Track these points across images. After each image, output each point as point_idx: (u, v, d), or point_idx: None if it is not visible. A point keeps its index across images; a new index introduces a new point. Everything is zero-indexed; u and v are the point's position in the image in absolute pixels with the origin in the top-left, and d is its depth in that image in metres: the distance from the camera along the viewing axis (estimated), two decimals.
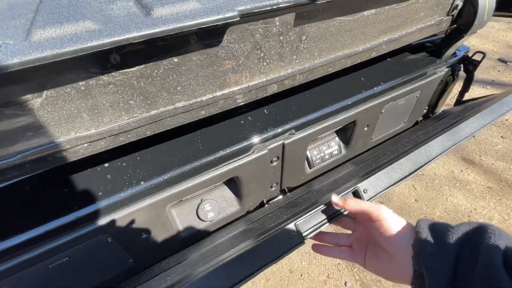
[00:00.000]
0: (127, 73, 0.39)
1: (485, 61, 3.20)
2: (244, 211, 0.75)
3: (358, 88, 0.75)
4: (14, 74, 0.32)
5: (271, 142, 0.63)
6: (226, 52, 0.45)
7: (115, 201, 0.49)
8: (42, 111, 0.36)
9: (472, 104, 0.99)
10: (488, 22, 3.09)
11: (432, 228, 0.40)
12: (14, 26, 0.34)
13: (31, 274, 0.49)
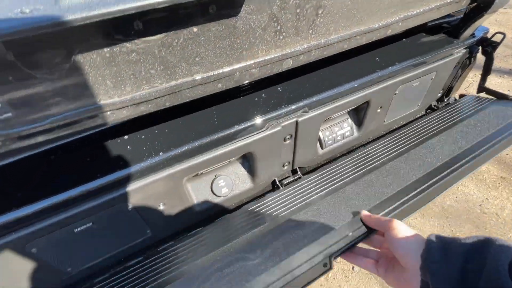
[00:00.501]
0: (149, 41, 0.40)
1: (503, 49, 3.08)
2: (256, 189, 0.77)
3: (373, 67, 0.75)
4: (44, 37, 0.33)
5: (284, 119, 0.64)
6: (244, 24, 0.46)
7: (136, 170, 0.51)
8: (70, 76, 0.38)
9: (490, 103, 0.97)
10: (508, 8, 2.95)
11: (440, 239, 0.42)
12: None
13: (60, 237, 0.52)
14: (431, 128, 0.87)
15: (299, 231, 0.61)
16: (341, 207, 0.66)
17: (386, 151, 0.81)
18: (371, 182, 0.71)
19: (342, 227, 0.61)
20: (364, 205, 0.66)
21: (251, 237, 0.60)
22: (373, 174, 0.73)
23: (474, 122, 0.87)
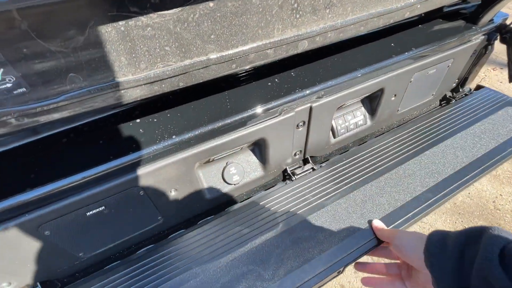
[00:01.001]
0: (164, 15, 0.39)
1: None
2: (267, 178, 0.75)
3: (388, 53, 0.72)
4: (58, 7, 0.33)
5: (298, 104, 0.62)
6: (261, 0, 0.44)
7: (147, 153, 0.50)
8: (84, 51, 0.37)
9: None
10: None
11: (439, 233, 0.44)
12: None
13: (72, 221, 0.52)
14: (447, 126, 0.85)
15: (313, 238, 0.60)
16: (356, 212, 0.65)
17: (401, 148, 0.79)
18: (385, 186, 0.70)
19: (356, 236, 0.61)
20: (377, 212, 0.65)
21: (263, 245, 0.60)
22: (387, 176, 0.72)
23: (490, 124, 0.84)
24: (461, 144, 0.79)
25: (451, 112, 0.91)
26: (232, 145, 0.60)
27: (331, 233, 0.62)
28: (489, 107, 0.92)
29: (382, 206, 0.67)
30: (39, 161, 0.50)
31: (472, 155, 0.75)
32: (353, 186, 0.71)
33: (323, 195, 0.68)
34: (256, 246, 0.60)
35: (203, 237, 0.64)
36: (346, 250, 0.58)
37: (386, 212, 0.66)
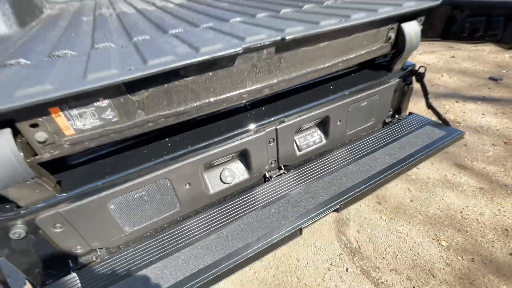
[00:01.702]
0: (186, 80, 0.75)
1: (476, 80, 3.47)
2: (252, 180, 1.06)
3: (329, 92, 1.09)
4: (137, 82, 0.69)
5: (267, 126, 0.96)
6: (237, 69, 0.81)
7: (174, 156, 0.83)
8: (153, 98, 0.73)
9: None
10: (479, 46, 3.43)
11: None
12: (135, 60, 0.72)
13: (128, 200, 0.82)
14: (380, 142, 1.19)
15: (280, 213, 0.90)
16: (312, 197, 0.95)
17: (346, 158, 1.12)
18: (333, 181, 1.01)
19: (310, 210, 0.90)
20: (327, 195, 0.95)
21: (246, 221, 0.90)
22: (336, 174, 1.03)
23: (410, 138, 1.19)
24: (390, 152, 1.11)
25: (387, 131, 1.24)
26: (225, 153, 0.92)
27: (293, 210, 0.90)
28: (415, 126, 1.26)
29: (330, 191, 0.96)
30: (112, 160, 0.83)
31: (395, 158, 1.06)
32: (311, 182, 1.01)
33: (288, 189, 0.98)
34: (243, 222, 0.89)
35: (207, 220, 0.92)
36: (303, 218, 0.86)
37: (334, 194, 0.95)
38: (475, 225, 1.79)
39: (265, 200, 0.96)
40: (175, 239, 0.88)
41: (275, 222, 0.87)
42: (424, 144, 1.14)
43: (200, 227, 0.91)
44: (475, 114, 2.89)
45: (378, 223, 1.85)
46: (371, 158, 1.10)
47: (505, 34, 0.96)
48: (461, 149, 2.44)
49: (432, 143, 1.14)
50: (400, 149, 1.13)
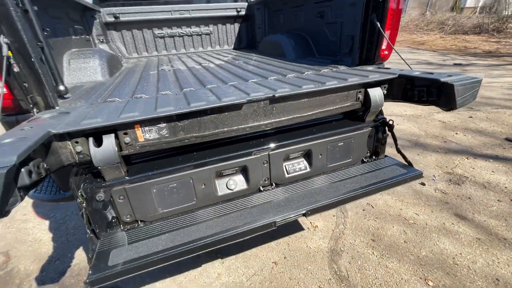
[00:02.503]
0: (211, 116, 1.23)
1: (492, 140, 3.60)
2: (250, 190, 1.44)
3: (311, 132, 1.50)
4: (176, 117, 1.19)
5: (262, 151, 1.38)
6: (243, 112, 1.27)
7: (197, 163, 1.27)
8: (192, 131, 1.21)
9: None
10: (500, 109, 3.78)
11: None
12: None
13: (163, 188, 1.25)
14: (353, 174, 1.53)
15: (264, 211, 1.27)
16: (291, 203, 1.31)
17: (323, 181, 1.48)
18: (308, 195, 1.36)
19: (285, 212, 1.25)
20: (300, 204, 1.30)
21: (240, 214, 1.27)
22: (311, 191, 1.39)
23: (377, 173, 1.51)
24: (357, 180, 1.42)
25: (361, 167, 1.57)
26: (231, 166, 1.34)
27: (273, 211, 1.25)
28: (385, 165, 1.57)
29: (304, 202, 1.30)
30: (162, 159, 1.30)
31: (360, 185, 1.37)
32: (292, 194, 1.36)
33: (274, 198, 1.34)
34: (236, 214, 1.25)
35: (213, 211, 1.31)
36: (278, 216, 1.20)
37: (303, 204, 1.28)
38: (466, 271, 1.87)
39: (255, 203, 1.32)
40: (189, 220, 1.27)
41: (258, 216, 1.23)
42: (385, 177, 1.44)
43: (207, 215, 1.30)
44: (484, 171, 2.99)
45: (370, 257, 2.02)
46: (342, 183, 1.43)
47: (440, 100, 1.32)
48: (465, 201, 2.55)
49: (392, 177, 1.44)
50: (366, 179, 1.45)
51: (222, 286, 1.85)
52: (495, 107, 4.79)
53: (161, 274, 1.96)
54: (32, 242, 2.31)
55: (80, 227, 2.45)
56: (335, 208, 2.55)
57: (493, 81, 6.53)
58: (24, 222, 2.55)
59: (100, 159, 1.05)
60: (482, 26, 14.64)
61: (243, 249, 2.14)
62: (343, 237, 2.21)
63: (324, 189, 1.40)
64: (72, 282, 1.92)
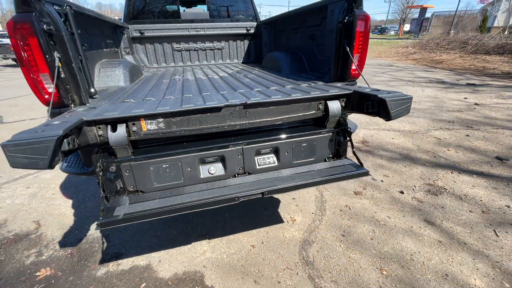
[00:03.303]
0: (197, 115, 1.63)
1: (482, 157, 3.76)
2: (228, 176, 1.81)
3: (279, 133, 1.86)
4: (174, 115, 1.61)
5: (237, 145, 1.76)
6: (222, 114, 1.66)
7: (184, 150, 1.67)
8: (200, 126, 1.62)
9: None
10: (500, 129, 4.07)
11: None
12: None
13: (157, 167, 1.66)
14: (312, 169, 1.87)
15: (232, 189, 1.63)
16: (252, 186, 1.66)
17: (286, 173, 1.82)
18: (270, 181, 1.72)
19: (248, 191, 1.61)
20: (262, 186, 1.64)
21: (214, 191, 1.65)
22: (272, 179, 1.75)
23: (330, 170, 1.83)
24: (311, 174, 1.75)
25: (321, 164, 1.90)
26: (212, 155, 1.73)
27: (239, 189, 1.61)
28: (340, 164, 1.89)
29: (265, 185, 1.65)
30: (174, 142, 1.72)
31: (312, 178, 1.71)
32: (258, 180, 1.72)
33: (244, 182, 1.71)
34: (211, 191, 1.63)
35: (195, 188, 1.69)
36: (242, 193, 1.56)
37: (264, 187, 1.64)
38: (419, 266, 2.10)
39: (228, 184, 1.70)
40: (176, 193, 1.67)
41: (226, 192, 1.59)
42: (335, 173, 1.76)
43: (190, 190, 1.69)
44: (465, 185, 3.17)
45: (336, 248, 2.30)
46: (300, 175, 1.76)
47: (381, 113, 1.65)
48: (437, 210, 2.76)
49: (341, 173, 1.75)
50: (320, 173, 1.77)
51: (205, 260, 2.20)
52: (495, 127, 4.88)
53: (157, 246, 2.36)
54: (58, 215, 2.80)
55: (96, 207, 2.92)
56: (316, 206, 2.85)
57: (502, 102, 6.54)
58: (53, 200, 3.07)
59: (114, 141, 1.49)
60: (506, 46, 14.36)
61: (227, 233, 2.50)
62: (316, 231, 2.50)
63: (284, 178, 1.75)
64: (87, 247, 2.36)
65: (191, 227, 2.59)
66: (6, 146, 1.08)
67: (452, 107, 6.28)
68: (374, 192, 3.06)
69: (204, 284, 1.98)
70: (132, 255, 2.26)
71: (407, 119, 5.50)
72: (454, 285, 1.90)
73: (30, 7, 1.47)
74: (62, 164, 1.98)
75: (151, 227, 2.59)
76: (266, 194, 1.60)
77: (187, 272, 2.08)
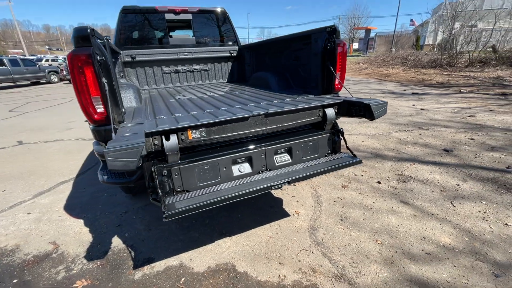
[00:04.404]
0: (230, 124, 2.01)
1: (433, 150, 4.61)
2: (254, 173, 2.20)
3: (291, 136, 2.33)
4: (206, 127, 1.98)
5: (260, 147, 2.17)
6: (249, 122, 2.06)
7: (221, 153, 2.02)
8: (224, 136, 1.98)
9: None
10: (443, 128, 5.01)
11: None
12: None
13: (201, 169, 1.98)
14: (318, 162, 2.36)
15: (264, 182, 2.03)
16: (278, 178, 2.08)
17: (299, 167, 2.28)
18: (290, 173, 2.15)
19: (277, 181, 2.02)
20: (286, 177, 2.07)
21: (247, 183, 2.03)
22: (292, 171, 2.19)
23: (330, 162, 2.34)
24: (317, 165, 2.23)
25: (324, 159, 2.40)
26: (242, 157, 2.11)
27: (268, 182, 2.01)
28: (338, 157, 2.41)
29: (288, 176, 2.08)
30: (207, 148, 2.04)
31: (318, 169, 2.19)
32: (281, 173, 2.14)
33: (269, 176, 2.12)
34: (245, 184, 2.00)
35: (229, 185, 2.04)
36: (273, 183, 1.96)
37: (288, 177, 2.06)
38: (403, 234, 2.66)
39: (257, 179, 2.09)
40: (214, 190, 2.00)
41: (260, 184, 1.98)
42: (336, 163, 2.26)
43: (227, 187, 2.04)
44: (425, 172, 3.92)
45: (338, 230, 2.77)
46: (311, 167, 2.23)
47: (366, 114, 2.22)
48: (408, 193, 3.41)
49: (340, 163, 2.27)
50: (325, 165, 2.27)
51: (232, 253, 2.51)
52: (439, 127, 5.95)
53: (183, 248, 2.60)
54: (73, 234, 2.87)
55: (109, 223, 3.04)
56: (314, 200, 3.32)
57: (441, 106, 7.88)
58: (62, 221, 3.10)
59: (169, 148, 1.81)
60: (437, 61, 17.00)
61: (245, 229, 2.83)
62: (319, 219, 2.96)
63: (299, 171, 2.20)
64: (115, 258, 2.51)
65: (209, 228, 2.87)
66: (108, 152, 1.38)
67: (404, 112, 7.42)
68: (358, 185, 3.65)
69: (237, 271, 2.28)
70: (162, 258, 2.48)
71: (372, 124, 6.40)
72: (431, 244, 2.48)
73: (89, 43, 1.79)
74: (103, 176, 2.19)
75: (172, 233, 2.81)
76: (291, 182, 2.03)
77: (219, 265, 2.37)
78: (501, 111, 7.07)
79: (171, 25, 4.97)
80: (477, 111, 7.16)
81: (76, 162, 4.88)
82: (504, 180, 3.55)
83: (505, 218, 2.80)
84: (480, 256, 2.32)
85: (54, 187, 3.97)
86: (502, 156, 4.27)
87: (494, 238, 2.52)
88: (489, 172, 3.79)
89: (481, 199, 3.16)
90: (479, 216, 2.85)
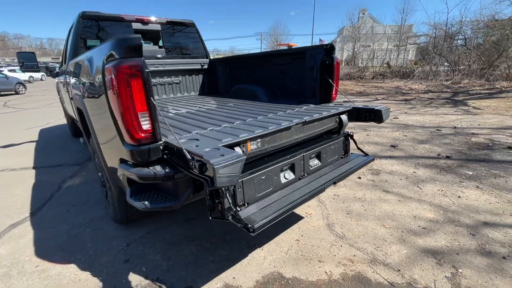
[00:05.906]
0: (278, 133, 2.09)
1: (384, 147, 5.52)
2: (295, 180, 2.31)
3: (320, 141, 2.56)
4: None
5: (299, 154, 2.31)
6: (292, 131, 2.19)
7: (273, 162, 2.07)
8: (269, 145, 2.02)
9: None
10: (381, 128, 5.89)
11: None
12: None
13: (259, 179, 1.98)
14: (342, 164, 2.66)
15: (312, 186, 2.18)
16: (322, 181, 2.27)
17: (326, 169, 2.52)
18: (327, 175, 2.37)
19: (325, 183, 2.21)
20: (326, 179, 2.28)
21: (295, 191, 2.14)
22: (327, 174, 2.41)
23: (349, 163, 2.68)
24: (345, 167, 2.53)
25: (343, 160, 2.72)
26: (288, 164, 2.20)
27: (318, 184, 2.18)
28: (354, 158, 2.77)
29: (326, 178, 2.28)
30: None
31: (349, 168, 2.49)
32: (319, 177, 2.33)
33: (311, 180, 2.28)
34: (294, 191, 2.11)
35: (278, 193, 2.11)
36: (323, 185, 2.13)
37: (332, 178, 2.27)
38: (400, 216, 3.18)
39: (303, 185, 2.22)
40: (268, 199, 2.03)
41: (311, 187, 2.12)
42: (354, 165, 2.62)
43: (277, 195, 2.09)
44: (388, 165, 4.71)
45: (350, 223, 3.10)
46: (340, 169, 2.50)
47: (375, 119, 2.66)
48: (385, 183, 4.05)
49: (358, 164, 2.63)
50: (348, 165, 2.58)
51: (271, 262, 2.52)
52: (378, 128, 7.18)
53: (218, 269, 2.46)
54: (72, 283, 2.35)
55: (113, 261, 2.61)
56: (315, 200, 3.61)
57: None
58: (44, 271, 2.49)
59: None
60: (350, 74, 20.23)
61: (271, 238, 2.87)
62: (330, 216, 3.25)
63: (331, 173, 2.44)
64: None
65: (236, 244, 2.80)
66: (218, 168, 1.32)
67: None
68: (344, 181, 4.14)
69: (285, 277, 2.33)
70: (202, 283, 2.30)
71: None
72: (422, 220, 3.06)
73: (139, 53, 1.66)
74: (142, 203, 1.92)
75: (198, 257, 2.63)
76: (337, 181, 2.24)
77: (265, 276, 2.36)
78: (412, 112, 9.04)
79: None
80: (396, 114, 8.94)
81: (19, 198, 3.90)
82: (440, 165, 4.61)
83: (456, 192, 3.68)
84: (457, 223, 3.00)
85: (4, 232, 3.10)
86: (431, 147, 5.51)
87: (457, 208, 3.30)
88: (428, 160, 4.86)
89: (435, 181, 4.04)
90: (441, 193, 3.66)
